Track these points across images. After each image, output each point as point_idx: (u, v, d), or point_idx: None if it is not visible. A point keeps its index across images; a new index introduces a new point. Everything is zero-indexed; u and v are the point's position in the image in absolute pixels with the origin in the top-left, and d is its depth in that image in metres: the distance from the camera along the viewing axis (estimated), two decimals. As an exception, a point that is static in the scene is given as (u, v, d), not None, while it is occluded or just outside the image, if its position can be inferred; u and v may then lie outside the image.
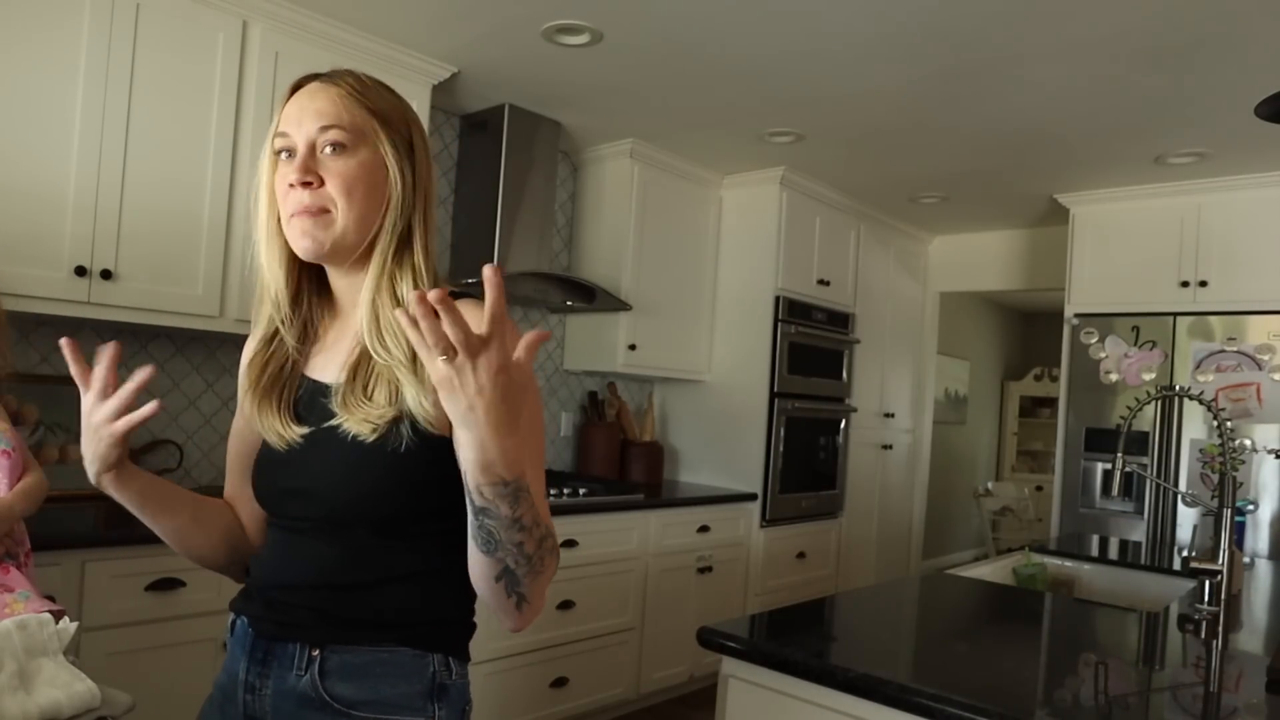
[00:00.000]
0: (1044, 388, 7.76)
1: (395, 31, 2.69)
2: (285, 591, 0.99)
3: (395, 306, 0.97)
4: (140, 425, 0.94)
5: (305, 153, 0.96)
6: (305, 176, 0.95)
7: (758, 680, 1.41)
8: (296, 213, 0.97)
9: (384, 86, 1.04)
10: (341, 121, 0.96)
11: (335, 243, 0.97)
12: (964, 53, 2.61)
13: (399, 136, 1.00)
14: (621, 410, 4.08)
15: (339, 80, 0.99)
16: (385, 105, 1.01)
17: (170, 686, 2.09)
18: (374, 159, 0.98)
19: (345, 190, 0.96)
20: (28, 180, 2.10)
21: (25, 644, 1.08)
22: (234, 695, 1.00)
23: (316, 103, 0.97)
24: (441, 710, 0.98)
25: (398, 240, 0.99)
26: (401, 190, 0.99)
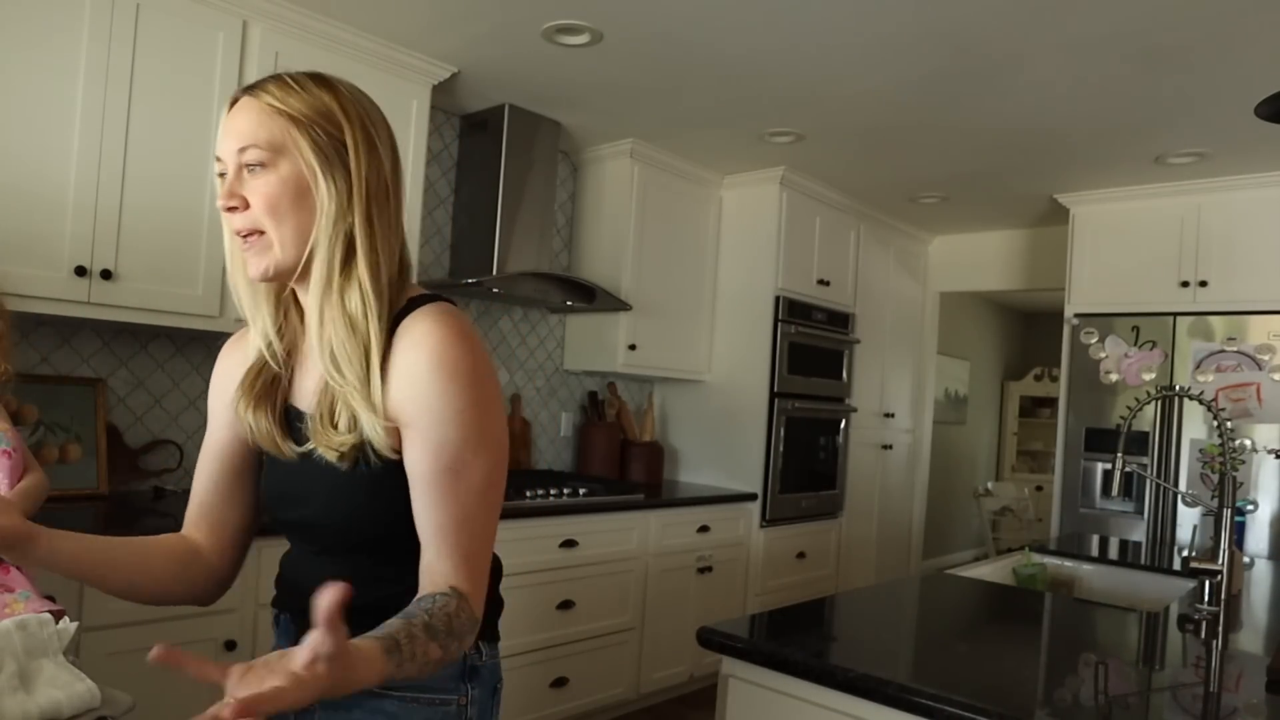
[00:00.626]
0: (1044, 388, 7.76)
1: (395, 31, 2.69)
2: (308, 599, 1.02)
3: (347, 325, 0.93)
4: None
5: (231, 176, 0.94)
6: (229, 201, 0.93)
7: (758, 680, 1.41)
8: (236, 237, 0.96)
9: (320, 84, 0.96)
10: (257, 139, 0.92)
11: (277, 264, 0.95)
12: (964, 53, 2.61)
13: (327, 140, 0.93)
14: (621, 410, 4.08)
15: (260, 91, 0.94)
16: (310, 109, 0.94)
17: (170, 686, 2.09)
18: (295, 172, 0.93)
19: (269, 209, 0.93)
20: (28, 180, 2.10)
21: (25, 644, 1.08)
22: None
23: (237, 121, 0.94)
24: (474, 690, 1.03)
25: (340, 252, 0.94)
26: (333, 199, 0.93)
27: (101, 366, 2.56)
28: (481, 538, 0.94)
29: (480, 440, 0.94)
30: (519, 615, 2.91)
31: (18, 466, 1.65)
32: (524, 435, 3.73)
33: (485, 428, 0.94)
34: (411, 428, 0.93)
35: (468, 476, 0.93)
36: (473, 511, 0.93)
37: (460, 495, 0.92)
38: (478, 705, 1.04)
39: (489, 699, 1.06)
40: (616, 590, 3.26)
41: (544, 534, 2.98)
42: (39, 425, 2.38)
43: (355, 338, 0.93)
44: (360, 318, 0.93)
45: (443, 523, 0.92)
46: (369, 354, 0.93)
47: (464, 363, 0.93)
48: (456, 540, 0.92)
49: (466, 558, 0.92)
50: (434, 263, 3.41)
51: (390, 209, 0.98)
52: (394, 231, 0.98)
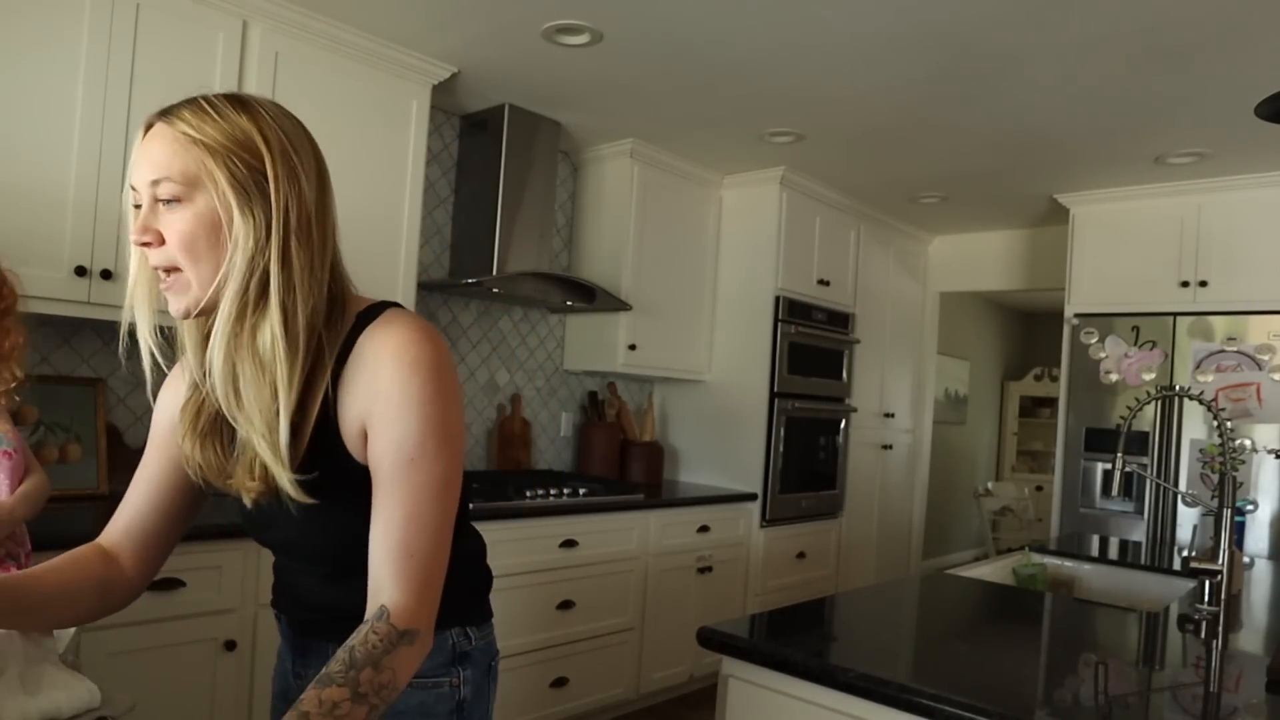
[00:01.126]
0: (1044, 388, 7.76)
1: (395, 31, 2.69)
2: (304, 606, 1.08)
3: (255, 363, 0.89)
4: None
5: (146, 209, 0.88)
6: (143, 237, 0.88)
7: (758, 680, 1.41)
8: (154, 273, 0.91)
9: (239, 108, 0.91)
10: (171, 172, 0.86)
11: (197, 303, 0.90)
12: (964, 53, 2.61)
13: (245, 171, 0.88)
14: (621, 410, 4.08)
15: (174, 118, 0.88)
16: (227, 138, 0.88)
17: (170, 686, 2.09)
18: (211, 206, 0.87)
19: (185, 247, 0.88)
20: (28, 180, 2.10)
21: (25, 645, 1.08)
22: (289, 679, 1.12)
23: (150, 150, 0.88)
24: (466, 672, 1.06)
25: (256, 290, 0.88)
26: (250, 234, 0.87)
27: (101, 366, 2.56)
28: (428, 537, 0.90)
29: (443, 435, 0.91)
30: (519, 615, 2.91)
31: (19, 468, 1.65)
32: (524, 435, 3.73)
33: (448, 423, 0.92)
34: (376, 425, 0.91)
35: (427, 469, 0.90)
36: (428, 505, 0.90)
37: (417, 487, 0.90)
38: (471, 684, 1.07)
39: (484, 678, 1.09)
40: (616, 590, 3.26)
41: (544, 534, 2.98)
42: (39, 425, 2.38)
43: (264, 378, 0.89)
44: (270, 359, 0.88)
45: (390, 520, 0.90)
46: (277, 397, 0.89)
47: (427, 357, 0.91)
48: (402, 538, 0.89)
49: (409, 555, 0.89)
50: (434, 263, 3.41)
51: (315, 239, 0.92)
52: (320, 262, 0.93)
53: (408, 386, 0.90)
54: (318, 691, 0.83)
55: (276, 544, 1.06)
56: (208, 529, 2.14)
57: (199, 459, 0.98)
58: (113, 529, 1.08)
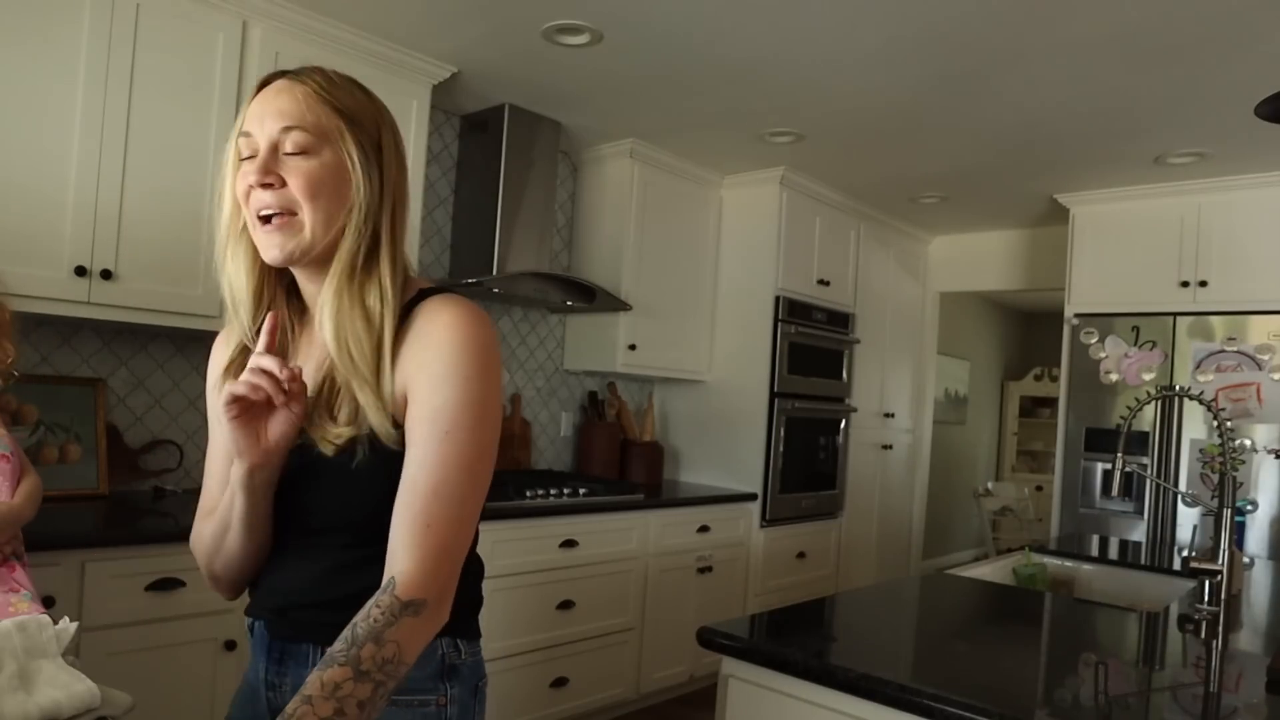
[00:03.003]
0: (1044, 388, 7.76)
1: (395, 31, 2.69)
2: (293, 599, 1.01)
3: (364, 318, 0.94)
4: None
5: (267, 153, 0.93)
6: (265, 178, 0.93)
7: (758, 680, 1.41)
8: (262, 216, 0.94)
9: (355, 84, 1.00)
10: (305, 122, 0.93)
11: (303, 246, 0.95)
12: (964, 53, 2.61)
13: (366, 137, 0.96)
14: (621, 410, 4.08)
15: (305, 78, 0.96)
16: (353, 104, 0.97)
17: (170, 686, 2.09)
18: (338, 160, 0.95)
19: (309, 192, 0.93)
20: (28, 180, 2.10)
21: (25, 645, 1.08)
22: (260, 692, 1.04)
23: (280, 102, 0.94)
24: (453, 689, 1.01)
25: (364, 247, 0.96)
26: (367, 193, 0.96)
27: (101, 366, 2.56)
28: (451, 509, 0.91)
29: (481, 413, 0.93)
30: (519, 615, 2.91)
31: (16, 469, 1.65)
32: (524, 435, 3.73)
33: (487, 402, 0.94)
34: (418, 393, 0.93)
35: (459, 442, 0.92)
36: (454, 479, 0.91)
37: (448, 459, 0.91)
38: (458, 704, 1.01)
39: (470, 698, 1.04)
40: (616, 590, 3.26)
41: (544, 534, 2.98)
42: (39, 425, 2.38)
43: (370, 330, 0.94)
44: (376, 311, 0.95)
45: (416, 487, 0.91)
46: (381, 347, 0.94)
47: (476, 338, 0.95)
48: (424, 507, 0.90)
49: (427, 526, 0.89)
50: (434, 263, 3.41)
51: (406, 212, 1.02)
52: (405, 233, 1.02)
53: (454, 360, 0.93)
54: (320, 674, 0.83)
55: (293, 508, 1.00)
56: (208, 529, 2.14)
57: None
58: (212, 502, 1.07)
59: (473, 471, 0.93)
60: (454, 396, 0.92)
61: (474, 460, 0.93)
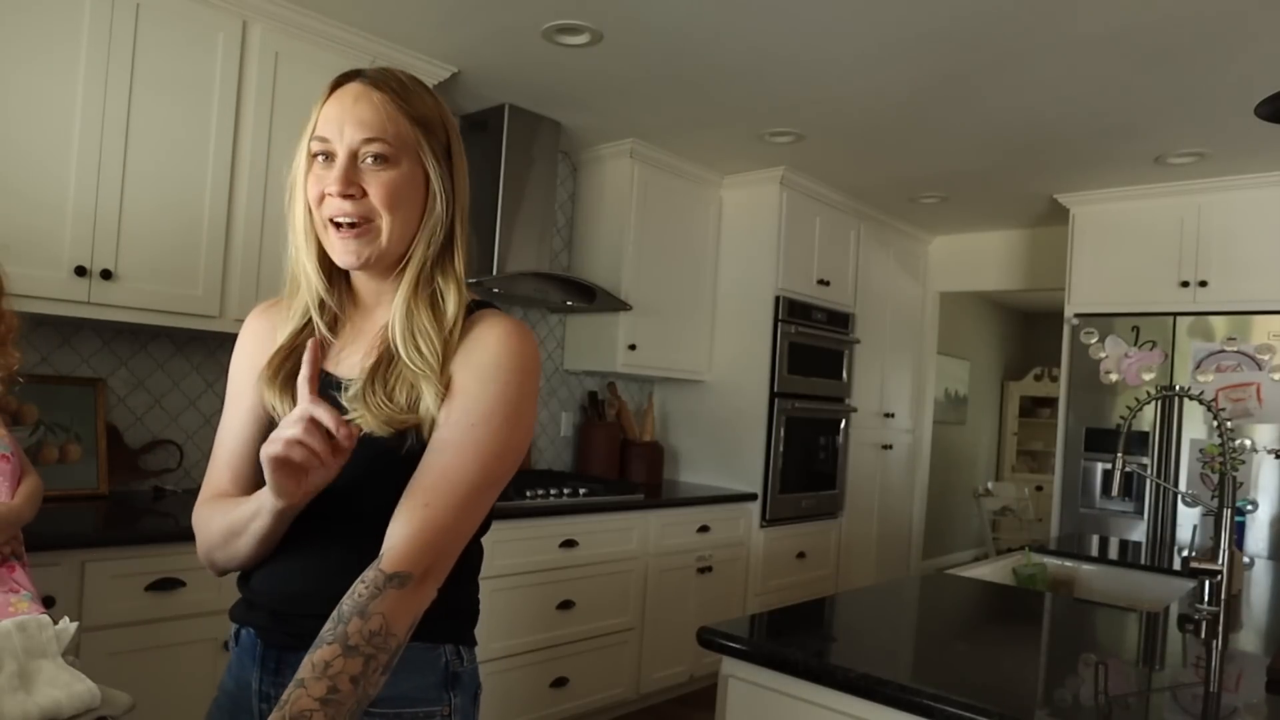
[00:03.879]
0: (1044, 388, 7.76)
1: (395, 32, 2.69)
2: (291, 602, 0.98)
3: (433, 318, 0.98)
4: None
5: (347, 162, 0.95)
6: (348, 189, 0.94)
7: (758, 680, 1.41)
8: (340, 223, 0.96)
9: (424, 89, 1.01)
10: (386, 134, 0.95)
11: (381, 254, 0.98)
12: (964, 53, 2.61)
13: (439, 145, 0.99)
14: (621, 410, 4.08)
15: (383, 86, 0.97)
16: (427, 112, 0.99)
17: (170, 686, 2.09)
18: (415, 170, 0.97)
19: (389, 203, 0.95)
20: (28, 180, 2.10)
21: (25, 644, 1.08)
22: (247, 704, 1.01)
23: (360, 110, 0.95)
24: (456, 698, 1.01)
25: (438, 248, 1.00)
26: (443, 200, 0.99)
27: (101, 366, 2.56)
28: (462, 495, 0.91)
29: (511, 416, 0.96)
30: (519, 615, 2.91)
31: (16, 470, 1.65)
32: (524, 435, 3.73)
33: (519, 409, 0.97)
34: (457, 389, 0.96)
35: (483, 437, 0.94)
36: (466, 468, 0.92)
37: (465, 449, 0.93)
38: (461, 713, 1.01)
39: (470, 705, 1.04)
40: (616, 590, 3.26)
41: (544, 534, 2.98)
42: (39, 425, 2.38)
43: (439, 329, 0.98)
44: (451, 310, 0.99)
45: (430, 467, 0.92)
46: (449, 345, 0.98)
47: (524, 353, 0.99)
48: (432, 483, 0.91)
49: (425, 504, 0.90)
50: (434, 263, 3.41)
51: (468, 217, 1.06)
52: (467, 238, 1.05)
53: (499, 364, 0.97)
54: (310, 657, 0.82)
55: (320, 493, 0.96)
56: (208, 529, 2.14)
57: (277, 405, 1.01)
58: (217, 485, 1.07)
59: (488, 467, 0.94)
60: (490, 394, 0.95)
61: (493, 456, 0.94)
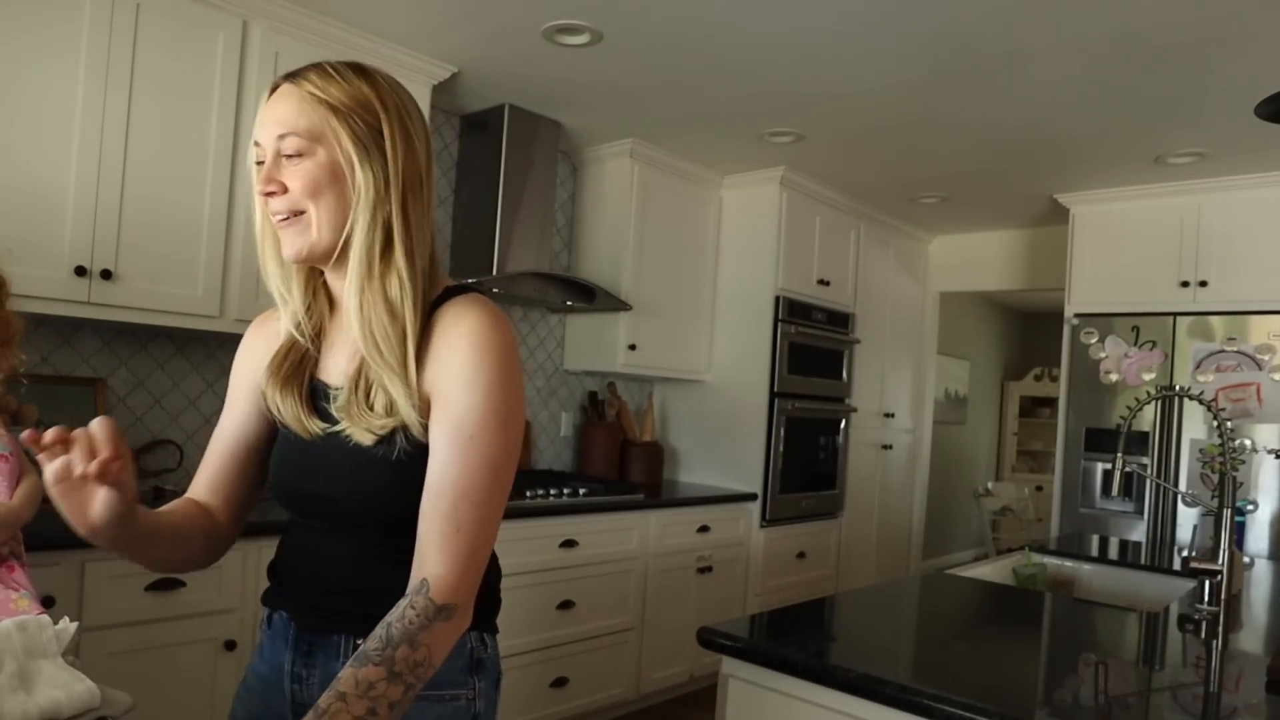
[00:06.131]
0: (1044, 388, 7.76)
1: (395, 31, 2.69)
2: (321, 589, 1.03)
3: (387, 310, 0.96)
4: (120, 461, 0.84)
5: (269, 162, 0.96)
6: (268, 186, 0.96)
7: (758, 680, 1.41)
8: (276, 220, 0.98)
9: (357, 73, 0.99)
10: (297, 127, 0.94)
11: (313, 245, 0.97)
12: (964, 53, 2.61)
13: (365, 129, 0.96)
14: (621, 410, 4.08)
15: (302, 79, 0.97)
16: (348, 97, 0.96)
17: (170, 686, 2.09)
18: (333, 159, 0.96)
19: (308, 190, 0.95)
20: (28, 180, 2.10)
21: (25, 644, 1.08)
22: (278, 684, 1.04)
23: (277, 109, 0.96)
24: (481, 683, 1.04)
25: (380, 240, 0.96)
26: (371, 186, 0.95)
27: (101, 366, 2.56)
28: (479, 512, 0.93)
29: (505, 417, 0.96)
30: (519, 615, 2.91)
31: (15, 470, 1.65)
32: (524, 435, 3.73)
33: (510, 407, 0.97)
34: (441, 397, 0.95)
35: (485, 446, 0.94)
36: (481, 483, 0.94)
37: (473, 464, 0.93)
38: (485, 698, 1.05)
39: (493, 690, 1.08)
40: (616, 590, 3.26)
41: (544, 534, 2.98)
42: (39, 425, 2.37)
43: (395, 322, 0.96)
44: (399, 303, 0.97)
45: (443, 492, 0.93)
46: (406, 338, 0.96)
47: (499, 344, 0.96)
48: (451, 511, 0.92)
49: (457, 530, 0.92)
50: (434, 263, 3.41)
51: (424, 199, 1.00)
52: (427, 222, 1.01)
53: (479, 365, 0.95)
54: (354, 671, 0.84)
55: (317, 496, 1.02)
56: (208, 529, 2.14)
57: (278, 402, 1.04)
58: (197, 486, 1.12)
59: (497, 476, 0.95)
60: (478, 402, 0.94)
61: (499, 465, 0.95)
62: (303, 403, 1.03)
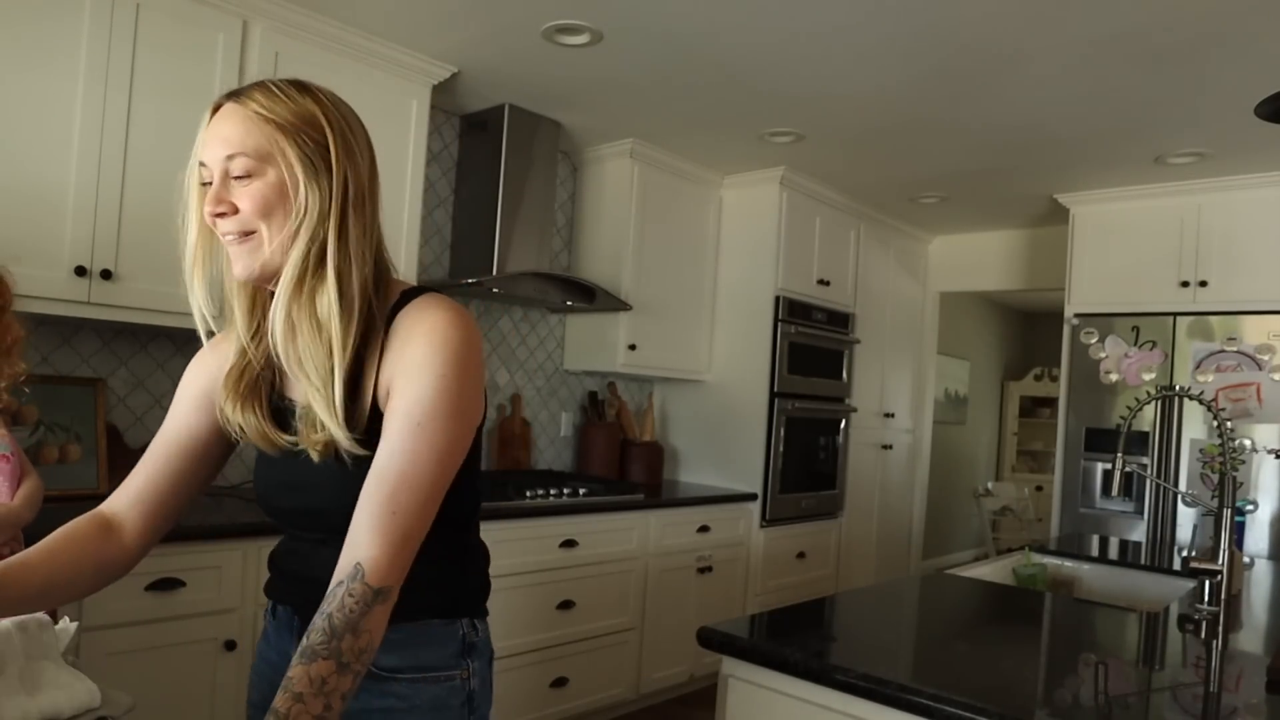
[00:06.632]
0: (1044, 388, 7.76)
1: (395, 31, 2.69)
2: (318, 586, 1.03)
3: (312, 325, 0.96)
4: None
5: (218, 182, 0.96)
6: (218, 208, 0.95)
7: (758, 680, 1.41)
8: (227, 240, 0.98)
9: (301, 91, 0.99)
10: (245, 148, 0.94)
11: (264, 264, 0.97)
12: (964, 52, 2.61)
13: (311, 146, 0.96)
14: (621, 410, 4.08)
15: (245, 99, 0.97)
16: (294, 116, 0.97)
17: (170, 686, 2.09)
18: (281, 178, 0.96)
19: (260, 212, 0.95)
20: (28, 181, 2.10)
21: (25, 645, 1.08)
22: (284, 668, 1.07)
23: (223, 129, 0.96)
24: (473, 664, 1.09)
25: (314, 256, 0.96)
26: (316, 204, 0.96)
27: (101, 366, 2.56)
28: (423, 497, 0.93)
29: (454, 407, 0.95)
30: (519, 615, 2.91)
31: (16, 471, 1.65)
32: (524, 435, 3.73)
33: (461, 397, 0.96)
34: (394, 388, 0.96)
35: (431, 435, 0.94)
36: (424, 470, 0.93)
37: (418, 450, 0.93)
38: (478, 677, 1.09)
39: (486, 669, 1.12)
40: (616, 590, 3.26)
41: (544, 534, 2.98)
42: (39, 425, 2.38)
43: (320, 339, 0.96)
44: (326, 319, 0.96)
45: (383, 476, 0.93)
46: (333, 353, 0.96)
47: (454, 338, 0.97)
48: (390, 494, 0.92)
49: (393, 513, 0.91)
50: (434, 263, 3.41)
51: (366, 213, 1.00)
52: (369, 235, 1.01)
53: (430, 357, 0.95)
54: (305, 669, 0.85)
55: (302, 511, 1.05)
56: (207, 529, 2.14)
57: (239, 420, 1.04)
58: (122, 495, 1.10)
59: (443, 463, 0.95)
60: (428, 390, 0.95)
61: (443, 453, 0.95)
62: (265, 418, 1.04)
